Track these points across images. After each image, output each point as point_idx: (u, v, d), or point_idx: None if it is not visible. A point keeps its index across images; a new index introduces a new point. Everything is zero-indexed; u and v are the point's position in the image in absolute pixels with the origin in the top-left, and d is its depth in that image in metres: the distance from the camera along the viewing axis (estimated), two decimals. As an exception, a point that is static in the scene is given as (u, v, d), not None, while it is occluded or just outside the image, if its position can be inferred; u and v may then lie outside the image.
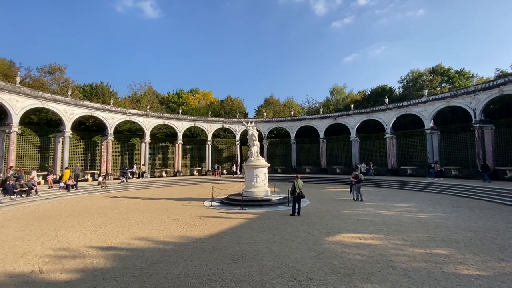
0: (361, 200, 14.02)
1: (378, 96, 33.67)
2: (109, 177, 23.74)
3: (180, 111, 33.51)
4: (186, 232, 8.11)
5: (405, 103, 25.15)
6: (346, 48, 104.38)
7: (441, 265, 5.29)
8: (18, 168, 16.80)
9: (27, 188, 14.49)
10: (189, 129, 32.65)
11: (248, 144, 15.92)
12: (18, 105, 18.51)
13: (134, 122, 28.14)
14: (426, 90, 24.78)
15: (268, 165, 15.17)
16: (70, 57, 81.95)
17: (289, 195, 11.08)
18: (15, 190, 13.84)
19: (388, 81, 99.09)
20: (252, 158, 14.85)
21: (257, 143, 15.38)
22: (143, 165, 27.53)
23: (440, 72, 35.64)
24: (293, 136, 32.45)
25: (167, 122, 30.05)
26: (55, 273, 5.05)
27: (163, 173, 29.88)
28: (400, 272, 4.96)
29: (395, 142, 26.08)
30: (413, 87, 35.48)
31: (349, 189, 15.48)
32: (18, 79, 19.73)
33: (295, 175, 11.56)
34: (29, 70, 30.03)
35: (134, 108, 30.10)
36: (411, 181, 20.68)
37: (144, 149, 27.95)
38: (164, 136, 33.15)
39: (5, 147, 18.35)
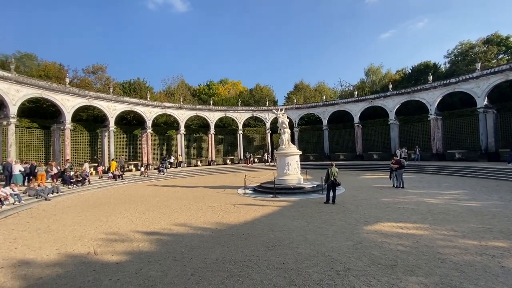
0: (402, 187, 13.15)
1: (420, 74, 30.74)
2: (150, 167, 25.46)
3: (211, 102, 34.26)
4: (221, 218, 8.38)
5: (452, 80, 22.57)
6: (382, 25, 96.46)
7: (500, 259, 4.74)
8: (34, 162, 17.08)
9: (81, 179, 16.18)
10: (220, 120, 33.33)
11: (278, 132, 15.73)
12: (69, 104, 20.49)
13: (169, 115, 29.52)
14: (479, 64, 21.85)
15: (300, 152, 14.90)
16: (109, 56, 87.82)
17: (323, 183, 10.81)
18: (72, 180, 15.54)
19: (432, 57, 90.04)
20: (283, 146, 14.68)
21: (287, 130, 15.13)
22: (179, 155, 28.99)
23: (497, 41, 31.04)
24: (325, 122, 31.33)
25: (200, 113, 30.98)
26: (107, 255, 5.58)
27: (198, 163, 31.19)
28: (450, 265, 4.55)
29: (441, 123, 23.77)
30: (462, 61, 31.62)
31: (388, 176, 14.58)
32: (67, 80, 21.77)
33: (330, 162, 11.14)
34: (76, 71, 32.89)
35: (168, 102, 31.47)
36: (459, 166, 18.80)
37: (180, 140, 29.34)
38: (197, 127, 34.36)
39: (61, 142, 20.56)
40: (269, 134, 33.52)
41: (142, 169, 21.99)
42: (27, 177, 14.99)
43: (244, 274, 4.47)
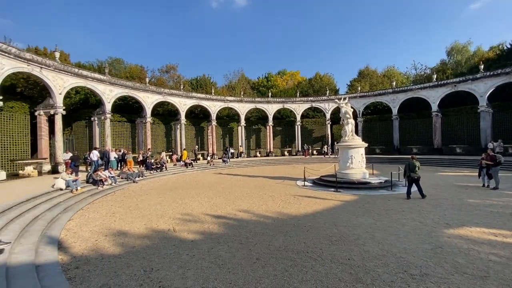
0: (496, 187, 10.98)
1: (528, 49, 24.56)
2: (215, 156, 27.52)
3: (270, 94, 34.59)
4: (282, 208, 8.55)
5: None
6: (472, -8, 79.80)
7: None
8: (125, 150, 19.91)
9: (160, 165, 18.63)
10: (278, 111, 33.45)
11: (340, 122, 14.94)
12: (149, 100, 23.60)
13: (231, 108, 31.14)
14: None
15: (365, 144, 13.86)
16: (179, 55, 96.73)
17: (404, 177, 10.22)
18: (152, 166, 18.05)
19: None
20: (346, 138, 13.89)
21: (351, 121, 14.22)
22: (240, 146, 30.49)
23: None
24: (395, 110, 28.16)
25: (258, 105, 31.71)
26: (184, 233, 6.36)
27: (257, 153, 32.20)
28: None
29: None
30: None
31: (477, 174, 12.34)
32: (147, 80, 25.06)
33: (410, 156, 10.38)
34: (153, 71, 37.51)
35: (230, 95, 33.12)
36: None
37: (240, 132, 30.78)
38: (256, 119, 35.32)
39: (144, 133, 23.93)
40: (329, 125, 32.08)
41: (209, 158, 23.97)
42: (119, 163, 18.04)
43: (307, 264, 4.52)
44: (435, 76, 27.79)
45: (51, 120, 17.45)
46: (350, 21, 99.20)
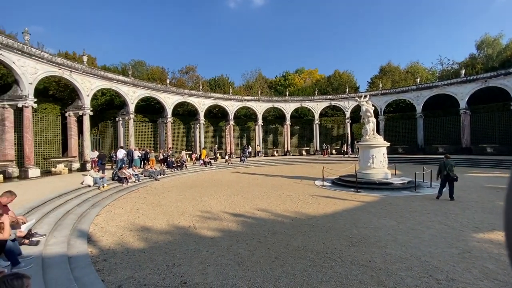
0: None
1: None
2: (232, 155, 27.83)
3: (287, 93, 34.35)
4: (300, 208, 8.50)
5: None
6: (507, -21, 74.12)
7: None
8: (147, 149, 20.73)
9: (180, 164, 19.16)
10: (296, 110, 33.14)
11: (361, 121, 14.52)
12: (169, 101, 24.31)
13: (248, 108, 31.31)
14: None
15: (387, 144, 13.40)
16: (197, 55, 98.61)
17: (437, 177, 9.90)
18: (173, 165, 18.60)
19: None
20: (367, 137, 13.50)
21: (372, 119, 13.80)
22: (257, 145, 30.59)
23: None
24: (419, 108, 26.93)
25: (276, 104, 31.61)
26: (203, 230, 6.52)
27: (275, 153, 32.13)
28: None
29: None
30: None
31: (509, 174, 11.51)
32: (167, 81, 25.82)
33: (444, 155, 10.06)
34: (173, 72, 38.59)
35: (247, 95, 33.30)
36: None
37: (258, 131, 30.87)
38: (273, 118, 35.24)
39: (165, 133, 24.70)
40: (348, 124, 31.30)
41: (227, 157, 24.29)
42: (142, 161, 18.76)
43: (327, 265, 4.48)
44: (463, 71, 26.19)
45: (79, 121, 18.51)
46: (371, 16, 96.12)
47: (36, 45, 18.25)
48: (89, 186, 11.16)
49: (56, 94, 22.67)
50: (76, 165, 17.70)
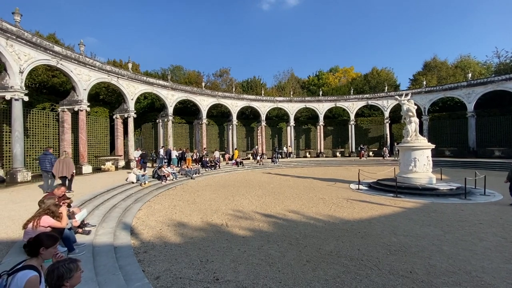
0: None
1: None
2: (264, 156, 27.95)
3: (320, 92, 33.47)
4: (333, 212, 8.21)
5: None
6: None
7: None
8: (184, 149, 21.72)
9: (214, 164, 19.81)
10: (329, 110, 32.15)
11: (402, 121, 13.55)
12: (204, 103, 25.31)
13: (280, 108, 31.19)
14: None
15: (432, 146, 12.32)
16: (231, 58, 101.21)
17: (507, 180, 9.09)
18: (207, 164, 19.30)
19: None
20: (409, 138, 12.55)
21: (415, 119, 12.79)
22: (289, 146, 30.30)
23: None
24: (470, 107, 24.25)
25: (308, 105, 31.00)
26: (235, 229, 6.65)
27: (307, 154, 31.51)
28: None
29: None
30: None
31: None
32: (203, 84, 26.88)
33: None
34: (208, 76, 40.08)
35: (279, 96, 33.22)
36: None
37: (290, 132, 30.59)
38: (306, 119, 34.61)
39: (200, 134, 25.75)
40: (387, 124, 29.41)
41: (258, 158, 24.49)
42: (180, 161, 19.78)
43: (362, 273, 4.26)
44: (527, 64, 22.98)
45: (125, 123, 20.17)
46: (411, 8, 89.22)
47: (89, 55, 20.38)
48: (133, 182, 12.08)
49: (106, 98, 25.00)
50: (122, 163, 19.30)
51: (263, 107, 29.29)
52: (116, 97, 23.95)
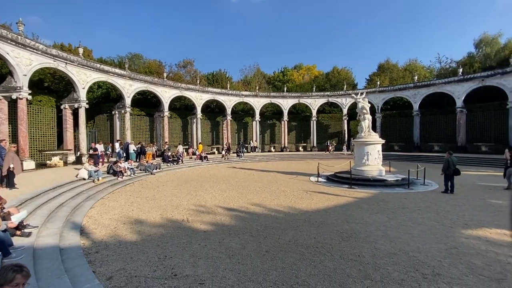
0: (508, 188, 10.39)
1: None
2: (229, 151, 27.81)
3: (285, 89, 34.26)
4: (294, 203, 8.57)
5: None
6: (507, -22, 73.79)
7: None
8: (143, 143, 20.93)
9: (176, 158, 19.14)
10: (293, 106, 33.14)
11: (357, 118, 14.56)
12: (166, 95, 24.16)
13: (246, 103, 31.23)
14: None
15: (383, 141, 13.49)
16: (196, 49, 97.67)
17: (442, 172, 10.39)
18: (169, 159, 18.57)
19: None
20: (363, 134, 13.57)
21: (368, 116, 13.85)
22: (255, 141, 30.60)
23: None
24: (416, 106, 27.03)
25: (273, 100, 31.57)
26: (197, 223, 6.56)
27: (272, 148, 32.19)
28: None
29: None
30: None
31: (502, 174, 11.66)
32: (165, 75, 25.61)
33: (447, 152, 10.67)
34: (171, 66, 38.22)
35: (245, 90, 33.20)
36: None
37: (255, 127, 30.85)
38: (271, 114, 35.21)
39: (161, 127, 24.60)
40: (346, 121, 31.40)
41: (223, 152, 24.29)
42: (138, 155, 18.70)
43: (316, 259, 4.54)
44: (461, 70, 26.22)
45: (75, 114, 18.35)
46: (371, 13, 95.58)
47: (31, 36, 18.00)
48: (84, 179, 11.14)
49: (52, 86, 22.42)
50: (72, 158, 17.62)
51: (229, 101, 29.02)
52: (64, 85, 21.63)
